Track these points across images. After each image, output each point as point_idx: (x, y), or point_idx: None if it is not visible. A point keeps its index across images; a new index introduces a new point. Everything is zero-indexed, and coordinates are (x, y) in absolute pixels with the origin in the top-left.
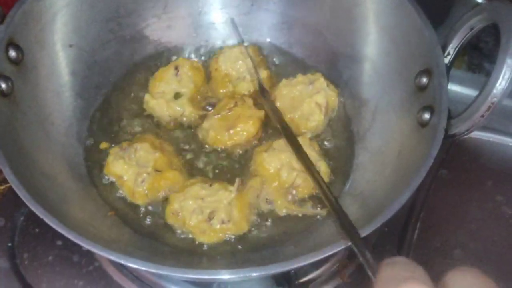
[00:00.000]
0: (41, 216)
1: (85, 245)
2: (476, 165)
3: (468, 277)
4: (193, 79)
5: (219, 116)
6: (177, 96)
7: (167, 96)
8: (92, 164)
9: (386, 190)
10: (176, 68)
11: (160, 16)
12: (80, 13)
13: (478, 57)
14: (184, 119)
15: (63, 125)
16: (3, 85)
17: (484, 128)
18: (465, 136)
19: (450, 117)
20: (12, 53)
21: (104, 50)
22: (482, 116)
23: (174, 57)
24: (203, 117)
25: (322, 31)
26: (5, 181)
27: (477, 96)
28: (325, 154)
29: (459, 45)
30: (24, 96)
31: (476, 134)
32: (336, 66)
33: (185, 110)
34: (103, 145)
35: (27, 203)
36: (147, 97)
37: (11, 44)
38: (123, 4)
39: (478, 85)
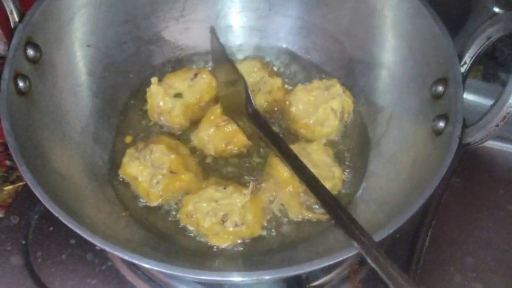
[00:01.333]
0: (56, 214)
1: (99, 243)
2: (489, 174)
3: None
4: (202, 92)
5: (215, 127)
6: (177, 95)
7: (170, 90)
8: (108, 164)
9: (399, 197)
10: (196, 74)
11: (178, 19)
12: (98, 13)
13: (494, 67)
14: (167, 118)
15: (80, 125)
16: (21, 84)
17: (498, 137)
18: (479, 145)
19: (464, 126)
20: (30, 52)
21: (122, 51)
22: (497, 125)
23: (191, 59)
24: (188, 128)
25: (340, 37)
26: (19, 179)
27: (492, 106)
28: (339, 159)
29: (476, 54)
30: (42, 95)
31: (489, 144)
32: (353, 72)
33: (173, 111)
34: (128, 139)
35: (43, 201)
36: (154, 80)
37: (30, 43)
38: (141, 6)
39: (493, 95)
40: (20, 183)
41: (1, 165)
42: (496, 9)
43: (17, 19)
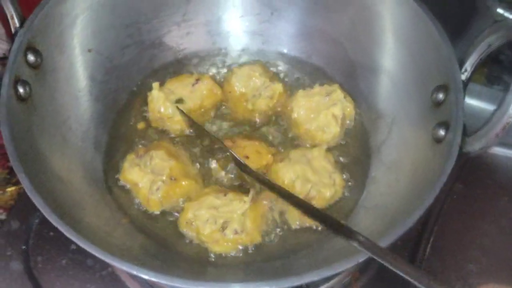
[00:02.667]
0: (55, 224)
1: (98, 254)
2: (492, 180)
3: None
4: (203, 98)
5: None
6: (178, 101)
7: (171, 96)
8: (108, 170)
9: (399, 205)
10: (197, 80)
11: (180, 23)
12: (100, 17)
13: (498, 70)
14: (168, 124)
15: (80, 130)
16: (21, 90)
17: (501, 143)
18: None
19: (465, 134)
20: (31, 58)
21: (123, 55)
22: (497, 135)
23: (192, 63)
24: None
25: (341, 41)
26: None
27: (492, 115)
28: (341, 166)
29: (477, 61)
30: (42, 100)
31: (493, 150)
32: (354, 77)
33: (174, 116)
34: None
35: (41, 210)
36: (155, 85)
37: (30, 48)
38: (143, 10)
39: (496, 100)
40: (21, 186)
41: (4, 166)
42: (500, 10)
43: (17, 24)
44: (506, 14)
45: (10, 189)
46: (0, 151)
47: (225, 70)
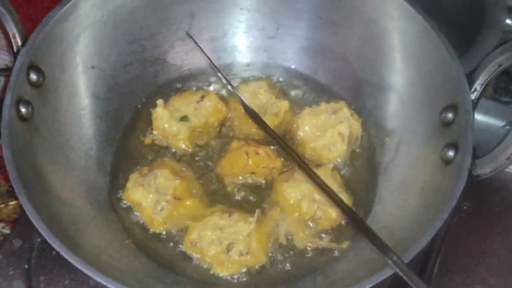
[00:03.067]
0: (56, 248)
1: (101, 280)
2: (499, 199)
3: None
4: (208, 115)
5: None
6: (183, 119)
7: (175, 113)
8: (111, 190)
9: (407, 227)
10: (202, 97)
11: (184, 39)
12: (103, 35)
13: (505, 81)
14: (173, 142)
15: (83, 149)
16: (23, 110)
17: None
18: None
19: (475, 157)
20: (33, 77)
21: (127, 72)
22: (508, 158)
23: (197, 80)
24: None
25: (348, 58)
26: None
27: (503, 138)
28: (347, 185)
29: (486, 81)
30: (44, 120)
31: None
32: (361, 94)
33: (179, 134)
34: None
35: (42, 233)
36: (160, 102)
37: (32, 67)
38: (147, 26)
39: (504, 116)
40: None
41: (6, 179)
42: (509, 21)
43: (19, 43)
44: None
45: (13, 202)
46: (2, 163)
47: (230, 87)
